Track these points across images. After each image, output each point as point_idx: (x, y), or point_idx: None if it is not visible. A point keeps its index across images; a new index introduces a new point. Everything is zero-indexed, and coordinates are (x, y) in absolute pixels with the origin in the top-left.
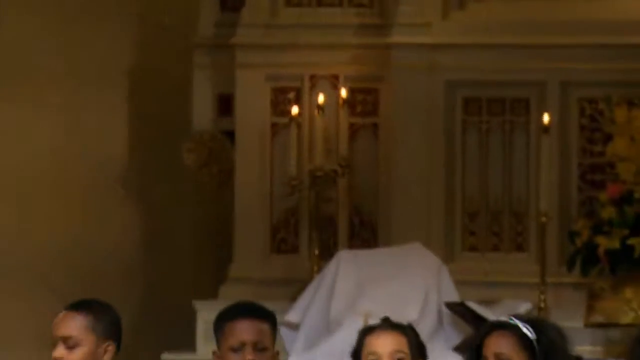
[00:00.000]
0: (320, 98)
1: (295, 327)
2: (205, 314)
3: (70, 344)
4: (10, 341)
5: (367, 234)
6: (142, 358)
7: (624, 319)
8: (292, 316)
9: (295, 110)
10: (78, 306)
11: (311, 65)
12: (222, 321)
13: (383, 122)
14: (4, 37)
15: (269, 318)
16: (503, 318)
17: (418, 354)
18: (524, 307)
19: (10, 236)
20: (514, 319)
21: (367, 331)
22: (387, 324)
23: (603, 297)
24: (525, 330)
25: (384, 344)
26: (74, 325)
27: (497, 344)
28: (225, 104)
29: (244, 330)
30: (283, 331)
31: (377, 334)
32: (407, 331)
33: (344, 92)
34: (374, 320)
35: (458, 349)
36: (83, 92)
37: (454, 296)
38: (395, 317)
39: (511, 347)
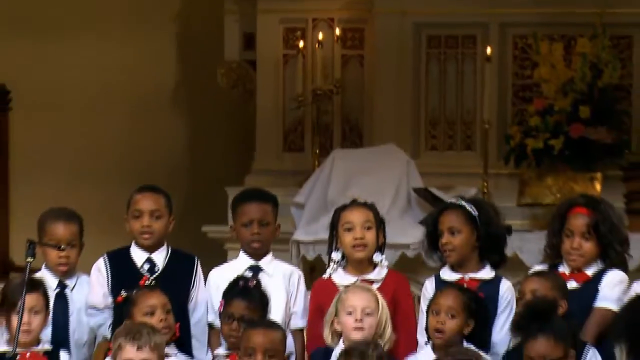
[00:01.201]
0: (320, 35)
1: (301, 206)
2: None
3: (156, 215)
4: (85, 216)
5: (354, 137)
6: (188, 229)
7: (546, 200)
8: (299, 198)
9: (301, 44)
10: (156, 189)
11: (313, 11)
12: (236, 204)
13: (367, 53)
14: None
15: (271, 200)
16: (452, 200)
17: (380, 225)
18: (471, 192)
19: (85, 139)
20: (460, 200)
21: (342, 208)
22: (357, 202)
23: (530, 184)
24: (469, 208)
25: (357, 215)
26: (159, 202)
27: (449, 220)
28: (249, 40)
29: (252, 210)
30: (292, 210)
31: (350, 209)
32: (372, 207)
33: (337, 31)
34: None
35: (422, 222)
36: (142, 29)
37: (419, 183)
38: (375, 199)
39: (460, 221)
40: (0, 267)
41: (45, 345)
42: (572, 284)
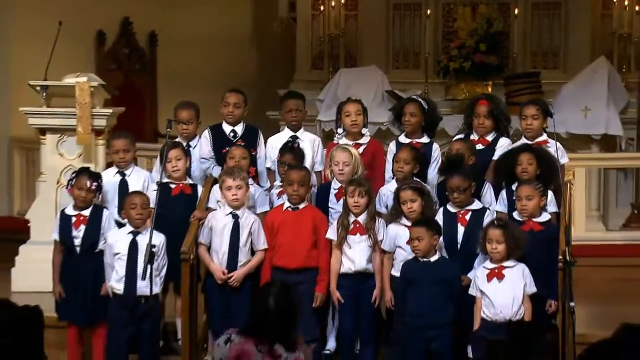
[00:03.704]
0: (332, 3)
1: (321, 101)
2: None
3: (237, 106)
4: (203, 107)
5: (353, 62)
6: (258, 113)
7: (460, 97)
8: (321, 96)
9: (322, 8)
10: (237, 90)
11: None
12: (282, 100)
13: (359, 13)
14: None
15: (301, 97)
16: (414, 96)
17: (365, 112)
18: (418, 93)
19: (200, 62)
20: (417, 97)
21: (343, 102)
22: (351, 99)
23: (452, 87)
24: (423, 103)
25: (352, 107)
26: (239, 98)
27: (411, 108)
28: (292, 5)
29: (290, 103)
30: (317, 103)
31: (348, 103)
32: (360, 102)
33: (342, 0)
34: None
35: (391, 109)
36: None
37: (388, 88)
38: (363, 97)
39: (417, 110)
40: (153, 135)
41: (189, 181)
42: (479, 146)
